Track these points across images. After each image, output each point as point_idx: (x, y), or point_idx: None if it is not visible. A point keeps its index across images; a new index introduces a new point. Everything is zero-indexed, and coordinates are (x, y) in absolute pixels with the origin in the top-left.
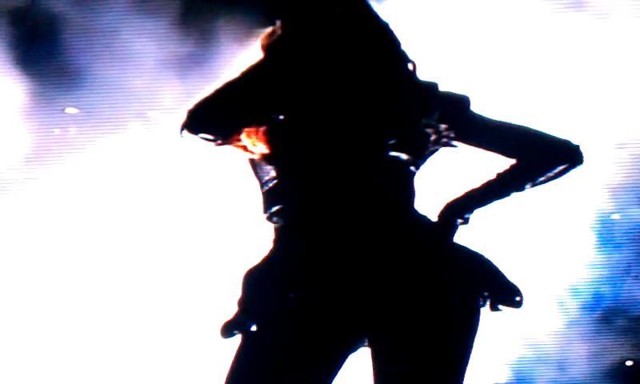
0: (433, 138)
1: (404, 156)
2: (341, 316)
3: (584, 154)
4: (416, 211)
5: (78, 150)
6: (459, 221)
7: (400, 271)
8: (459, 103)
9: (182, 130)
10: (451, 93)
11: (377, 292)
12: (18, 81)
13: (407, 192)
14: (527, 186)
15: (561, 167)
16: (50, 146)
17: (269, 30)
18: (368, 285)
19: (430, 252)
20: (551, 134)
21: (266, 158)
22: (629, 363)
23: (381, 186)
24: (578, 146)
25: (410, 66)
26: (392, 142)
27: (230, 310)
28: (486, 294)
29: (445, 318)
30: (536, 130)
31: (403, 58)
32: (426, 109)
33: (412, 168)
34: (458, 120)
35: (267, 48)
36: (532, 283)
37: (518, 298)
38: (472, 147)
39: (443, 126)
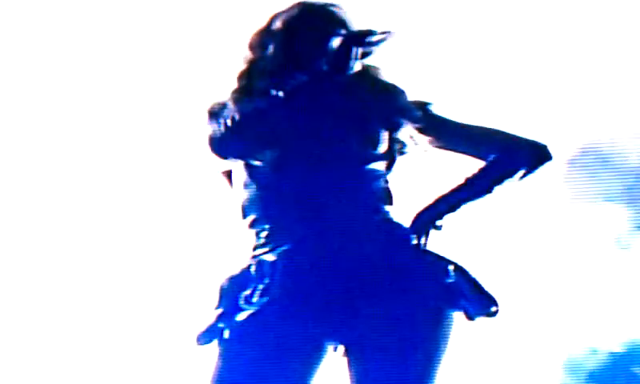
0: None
1: (376, 163)
2: (315, 324)
3: (551, 153)
4: (390, 218)
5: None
6: (431, 228)
7: (372, 279)
8: (425, 107)
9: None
10: (415, 101)
11: (351, 300)
12: None
13: (381, 198)
14: (496, 187)
15: (527, 166)
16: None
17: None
18: (342, 293)
19: (403, 260)
20: (518, 134)
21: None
22: None
23: (354, 193)
24: (545, 146)
25: (379, 71)
26: (361, 148)
27: (207, 317)
28: (459, 303)
29: (417, 328)
30: (503, 131)
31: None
32: (395, 115)
33: (383, 172)
34: (426, 121)
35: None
36: None
37: (493, 308)
38: (441, 149)
39: (411, 130)
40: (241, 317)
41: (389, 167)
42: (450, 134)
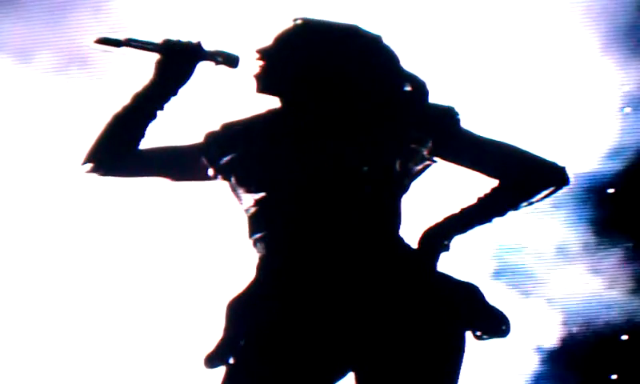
0: (417, 161)
1: (390, 181)
2: (324, 347)
3: (569, 176)
4: (401, 239)
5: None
6: (440, 247)
7: (383, 302)
8: (446, 118)
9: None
10: (439, 106)
11: (360, 322)
12: None
13: (392, 218)
14: (509, 211)
15: (545, 191)
16: None
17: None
18: (351, 315)
19: (414, 282)
20: (536, 154)
21: (246, 186)
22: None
23: (365, 213)
24: (563, 168)
25: (408, 87)
26: (377, 167)
27: (214, 340)
28: (469, 323)
29: (428, 349)
30: (522, 150)
31: (396, 79)
32: (415, 130)
33: (398, 191)
34: (445, 137)
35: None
36: None
37: (503, 327)
38: (454, 165)
39: (428, 147)
40: (246, 341)
41: (403, 187)
42: (466, 150)
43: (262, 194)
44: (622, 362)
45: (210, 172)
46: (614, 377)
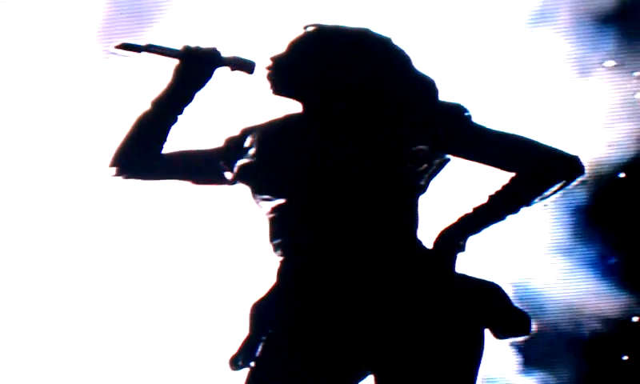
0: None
1: (406, 182)
2: (344, 349)
3: (583, 166)
4: (418, 241)
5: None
6: (455, 248)
7: (401, 304)
8: (457, 115)
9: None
10: (448, 103)
11: (379, 325)
12: None
13: (409, 220)
14: (523, 207)
15: (559, 183)
16: None
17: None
18: (370, 318)
19: (431, 283)
20: (549, 145)
21: (265, 192)
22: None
23: (382, 216)
24: (577, 158)
25: (419, 87)
26: (392, 169)
27: (238, 342)
28: (488, 323)
29: (447, 350)
30: (534, 141)
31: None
32: (428, 132)
33: (415, 192)
34: (457, 133)
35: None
36: None
37: (524, 327)
38: (468, 161)
39: (442, 145)
40: (269, 343)
41: (420, 188)
42: (479, 146)
43: (281, 201)
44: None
45: (230, 177)
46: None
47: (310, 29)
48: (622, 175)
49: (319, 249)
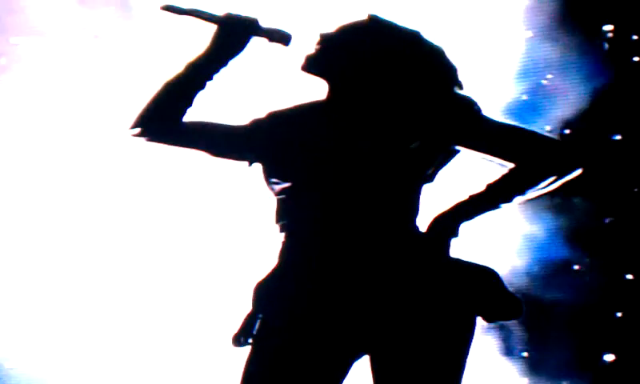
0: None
1: (414, 171)
2: (341, 331)
3: (584, 160)
4: (416, 227)
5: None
6: (449, 234)
7: (397, 287)
8: (468, 108)
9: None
10: (461, 96)
11: (375, 308)
12: None
13: (411, 207)
14: (516, 197)
15: (556, 175)
16: None
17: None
18: (367, 301)
19: (426, 268)
20: (552, 137)
21: (276, 173)
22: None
23: (387, 204)
24: (578, 151)
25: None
26: (401, 158)
27: (240, 320)
28: (481, 307)
29: (441, 333)
30: (539, 133)
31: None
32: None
33: (422, 181)
34: (468, 126)
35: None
36: None
37: (515, 312)
38: (475, 152)
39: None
40: (272, 321)
41: (428, 177)
42: (488, 139)
43: (289, 183)
44: None
45: (249, 157)
46: None
47: (366, 18)
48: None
49: (322, 231)
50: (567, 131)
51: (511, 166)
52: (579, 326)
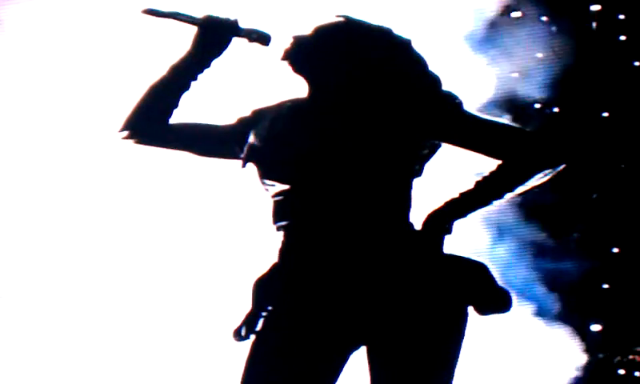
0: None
1: (403, 167)
2: (339, 324)
3: (569, 156)
4: (410, 224)
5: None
6: (442, 231)
7: (392, 282)
8: (450, 102)
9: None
10: (444, 92)
11: (371, 302)
12: None
13: (403, 204)
14: (507, 193)
15: (544, 171)
16: None
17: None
18: (363, 295)
19: (420, 264)
20: (536, 133)
21: (268, 174)
22: None
23: (378, 200)
24: (562, 147)
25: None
26: (389, 154)
27: (240, 315)
28: (472, 300)
29: (434, 326)
30: (522, 130)
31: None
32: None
33: (411, 177)
34: (450, 121)
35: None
36: None
37: (504, 305)
38: (458, 147)
39: (436, 132)
40: (270, 317)
41: (416, 172)
42: (470, 133)
43: (285, 186)
44: None
45: (239, 157)
46: None
47: (338, 19)
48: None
49: (319, 230)
50: (556, 109)
51: (497, 161)
52: (567, 299)
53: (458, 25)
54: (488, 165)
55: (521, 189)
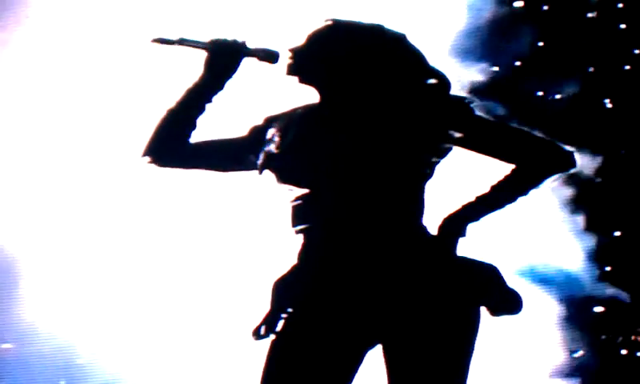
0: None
1: (415, 170)
2: (356, 324)
3: (576, 160)
4: (424, 226)
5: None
6: (457, 234)
7: (407, 283)
8: (462, 107)
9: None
10: (456, 96)
11: (386, 302)
12: None
13: (416, 206)
14: (520, 197)
15: (554, 175)
16: None
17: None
18: (379, 296)
19: (434, 265)
20: (546, 138)
21: (286, 180)
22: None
23: (397, 204)
24: (572, 152)
25: (433, 81)
26: (402, 157)
27: (260, 315)
28: (485, 301)
29: (448, 326)
30: (533, 135)
31: (423, 74)
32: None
33: (423, 179)
34: (462, 125)
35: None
36: None
37: (515, 306)
38: (470, 151)
39: (447, 135)
40: (289, 317)
41: (427, 175)
42: (482, 137)
43: (303, 191)
44: None
45: (256, 164)
46: None
47: (328, 23)
48: None
49: (337, 233)
50: (558, 96)
51: (510, 165)
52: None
53: (459, 15)
54: (488, 165)
55: (533, 192)
